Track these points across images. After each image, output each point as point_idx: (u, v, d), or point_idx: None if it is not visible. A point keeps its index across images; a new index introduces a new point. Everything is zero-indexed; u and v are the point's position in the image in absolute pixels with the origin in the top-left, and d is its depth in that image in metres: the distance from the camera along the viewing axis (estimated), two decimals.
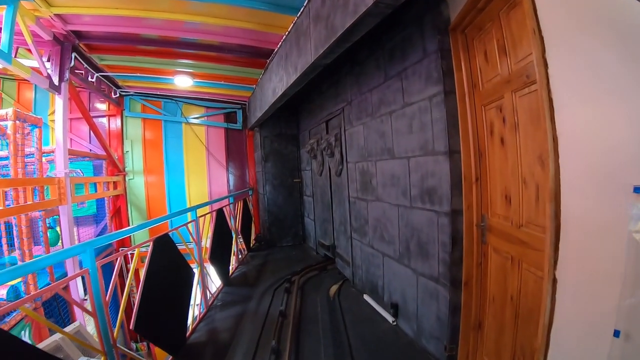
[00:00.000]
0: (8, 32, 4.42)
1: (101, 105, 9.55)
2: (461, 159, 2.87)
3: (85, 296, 6.06)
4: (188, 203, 9.77)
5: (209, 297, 5.05)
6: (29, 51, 5.42)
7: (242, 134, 10.06)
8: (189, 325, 4.22)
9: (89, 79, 7.25)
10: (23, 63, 5.24)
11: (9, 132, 5.15)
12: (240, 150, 10.10)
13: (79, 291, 5.98)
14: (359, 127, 4.67)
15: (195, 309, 4.66)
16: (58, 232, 6.83)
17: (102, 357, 2.78)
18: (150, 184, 9.72)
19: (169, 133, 9.78)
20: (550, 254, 1.82)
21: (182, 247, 4.40)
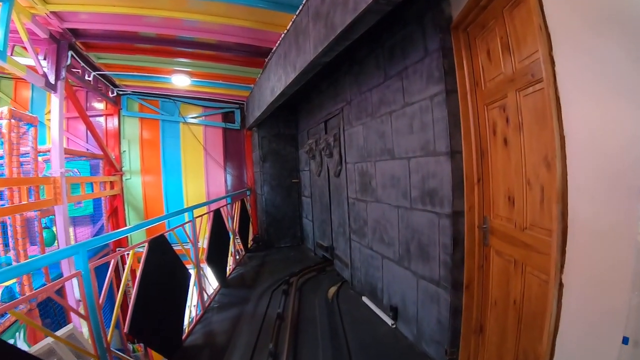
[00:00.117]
0: (3, 30, 4.34)
1: (98, 105, 9.45)
2: (463, 160, 2.81)
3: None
4: (185, 203, 9.67)
5: (206, 299, 5.00)
6: (25, 49, 5.36)
7: (240, 134, 9.99)
8: (185, 327, 4.16)
9: (86, 77, 7.16)
10: (19, 61, 5.18)
11: (4, 131, 5.08)
12: (238, 151, 10.03)
13: (74, 292, 5.91)
14: (359, 127, 4.62)
15: (192, 311, 4.61)
16: (54, 232, 6.75)
17: None
18: (148, 184, 9.63)
19: (166, 133, 9.69)
20: (556, 258, 1.76)
21: (179, 248, 4.35)
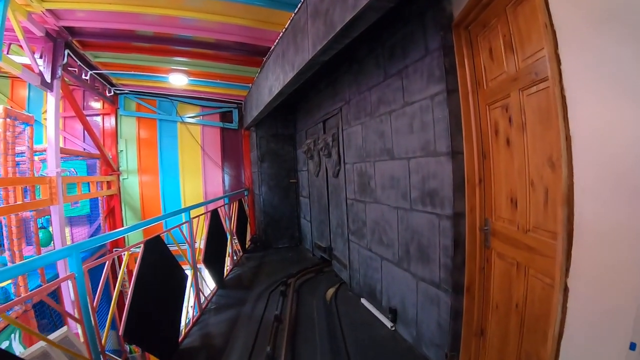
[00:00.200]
0: None
1: (95, 104, 9.41)
2: (464, 160, 2.76)
3: None
4: (183, 203, 9.63)
5: (203, 300, 4.94)
6: (21, 47, 5.30)
7: (238, 134, 9.94)
8: (182, 329, 4.11)
9: (83, 76, 7.11)
10: (15, 60, 5.13)
11: None
12: (236, 150, 9.98)
13: (70, 293, 5.84)
14: (357, 127, 4.57)
15: (189, 312, 4.56)
16: (50, 233, 6.70)
17: None
18: (145, 183, 9.58)
19: (164, 132, 9.64)
20: (561, 261, 1.72)
21: (176, 249, 4.30)
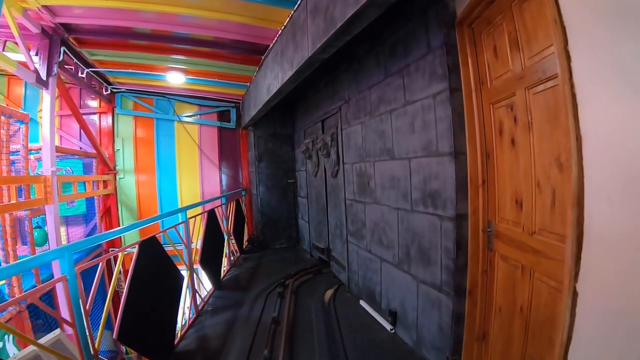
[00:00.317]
0: None
1: (92, 102, 9.31)
2: (467, 161, 2.70)
3: None
4: (180, 203, 9.55)
5: (199, 302, 4.87)
6: (16, 44, 5.22)
7: (236, 133, 9.88)
8: (178, 331, 4.04)
9: (79, 74, 7.03)
10: (10, 57, 5.05)
11: None
12: (233, 150, 9.91)
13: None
14: (357, 127, 4.51)
15: (185, 314, 4.49)
16: (46, 232, 6.61)
17: None
18: (142, 183, 9.50)
19: (161, 131, 9.56)
20: (570, 265, 1.66)
21: (172, 250, 4.23)
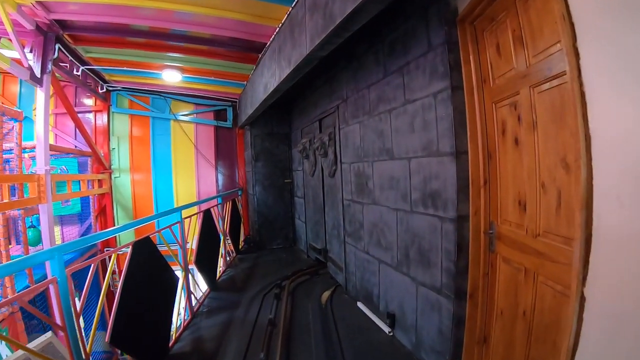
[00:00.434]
0: None
1: (88, 101, 9.22)
2: (468, 161, 2.65)
3: None
4: (176, 203, 9.46)
5: (195, 303, 4.80)
6: (10, 41, 5.14)
7: (232, 133, 9.79)
8: (173, 333, 3.97)
9: (74, 72, 6.95)
10: (4, 54, 4.97)
11: None
12: (230, 149, 9.83)
13: None
14: (355, 126, 4.45)
15: (180, 315, 4.43)
16: (40, 232, 6.54)
17: None
18: (137, 182, 9.41)
19: (156, 130, 9.45)
20: (578, 269, 1.60)
21: (167, 250, 4.17)
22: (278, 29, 4.46)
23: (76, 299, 2.82)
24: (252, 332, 4.01)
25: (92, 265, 2.81)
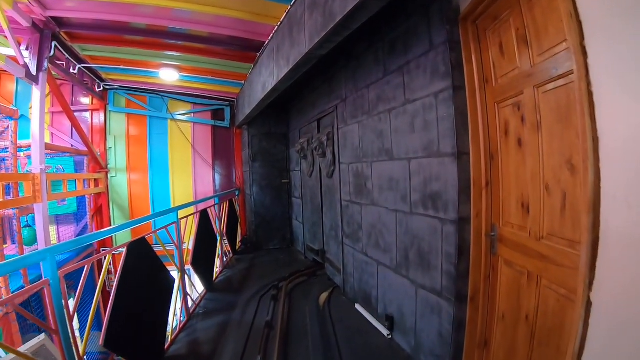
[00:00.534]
0: None
1: (84, 99, 9.14)
2: (470, 162, 2.60)
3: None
4: (172, 203, 9.40)
5: (191, 305, 4.74)
6: (6, 38, 5.08)
7: (230, 132, 9.73)
8: (168, 335, 3.92)
9: (71, 70, 6.87)
10: (0, 51, 4.92)
11: None
12: (227, 149, 9.77)
13: None
14: (354, 126, 4.40)
15: (177, 314, 4.38)
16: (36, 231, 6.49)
17: None
18: (134, 182, 9.33)
19: (154, 129, 9.38)
20: (585, 273, 1.56)
21: (163, 250, 4.11)
22: (277, 27, 4.42)
23: (72, 300, 2.76)
24: (249, 335, 3.96)
25: (86, 266, 2.75)
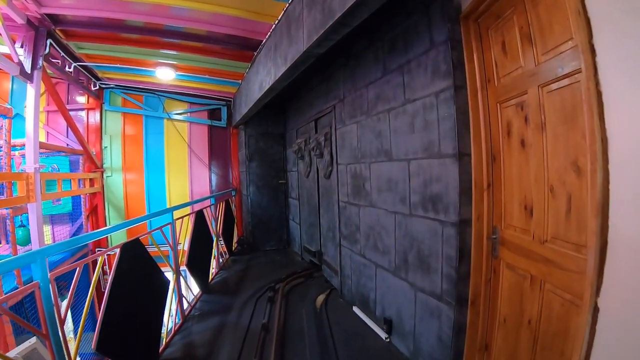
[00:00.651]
0: None
1: (80, 98, 9.04)
2: (471, 163, 2.55)
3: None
4: (168, 203, 9.30)
5: (186, 307, 4.68)
6: (0, 36, 5.01)
7: (227, 132, 9.66)
8: (163, 338, 3.85)
9: (66, 68, 6.78)
10: None
11: None
12: (224, 149, 9.69)
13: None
14: (352, 126, 4.35)
15: (171, 319, 4.32)
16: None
17: None
18: (129, 181, 9.23)
19: (150, 129, 9.29)
20: (592, 278, 1.51)
21: (157, 251, 4.05)
22: (274, 25, 4.37)
23: (66, 301, 2.69)
24: (245, 337, 3.90)
25: (78, 269, 2.67)
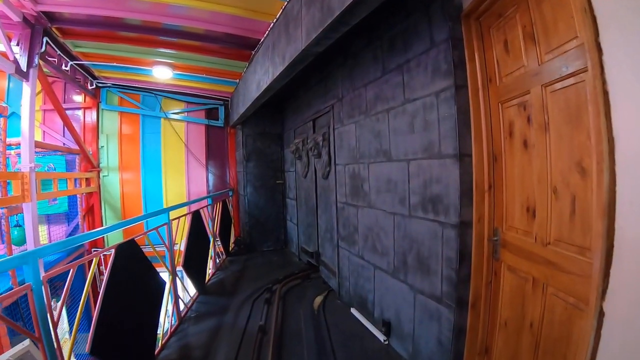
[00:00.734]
0: None
1: (77, 97, 8.98)
2: (472, 163, 2.52)
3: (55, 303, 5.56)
4: (165, 203, 9.25)
5: (182, 308, 4.63)
6: None
7: (224, 132, 9.61)
8: (159, 340, 3.80)
9: (63, 67, 6.72)
10: None
11: None
12: (221, 149, 9.64)
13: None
14: (351, 126, 4.31)
15: (167, 320, 4.27)
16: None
17: None
18: (126, 181, 9.17)
19: (146, 128, 9.23)
20: (597, 282, 1.48)
21: (153, 251, 4.00)
22: (272, 24, 4.33)
23: (59, 303, 2.65)
24: (242, 339, 3.85)
25: (71, 270, 2.63)
